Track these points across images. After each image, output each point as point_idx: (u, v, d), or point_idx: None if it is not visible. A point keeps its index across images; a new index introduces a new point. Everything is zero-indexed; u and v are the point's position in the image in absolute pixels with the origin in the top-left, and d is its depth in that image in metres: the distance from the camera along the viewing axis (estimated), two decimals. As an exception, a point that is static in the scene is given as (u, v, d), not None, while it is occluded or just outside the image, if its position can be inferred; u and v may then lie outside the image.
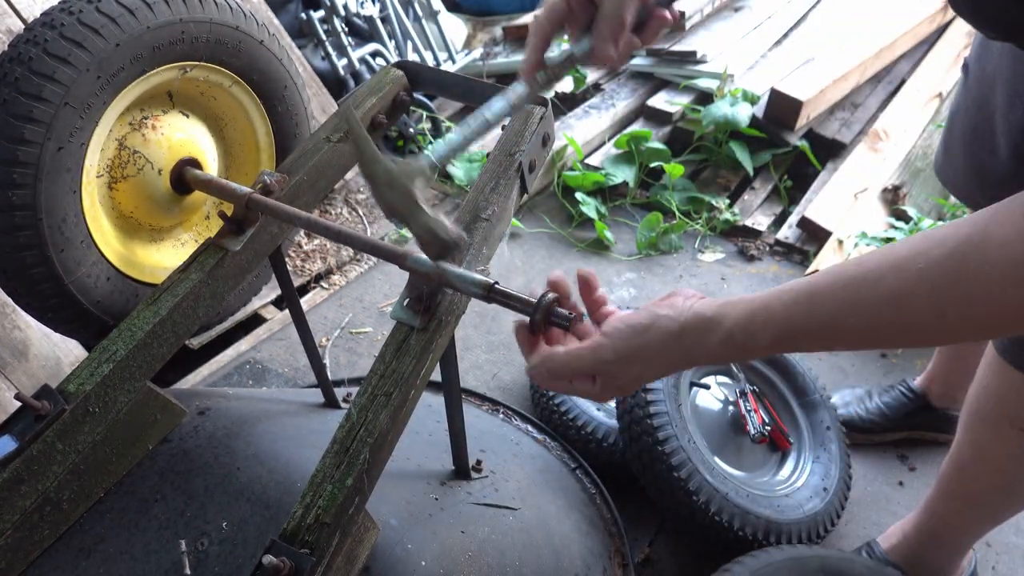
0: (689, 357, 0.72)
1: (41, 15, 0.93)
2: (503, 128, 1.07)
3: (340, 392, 1.39)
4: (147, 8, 0.97)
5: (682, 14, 2.94)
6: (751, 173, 2.63)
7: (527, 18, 3.45)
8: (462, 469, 1.18)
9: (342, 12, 2.84)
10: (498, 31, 3.61)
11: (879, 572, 1.21)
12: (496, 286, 0.83)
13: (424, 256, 0.85)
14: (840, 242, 2.23)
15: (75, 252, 1.00)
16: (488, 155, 1.07)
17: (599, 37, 0.81)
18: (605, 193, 2.59)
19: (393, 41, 3.05)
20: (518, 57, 3.32)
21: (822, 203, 2.40)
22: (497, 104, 0.83)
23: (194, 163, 1.13)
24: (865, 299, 0.62)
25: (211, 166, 1.18)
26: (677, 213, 2.47)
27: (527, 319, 0.81)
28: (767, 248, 2.40)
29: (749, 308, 0.68)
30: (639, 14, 0.83)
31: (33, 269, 0.96)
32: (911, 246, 0.62)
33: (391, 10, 3.03)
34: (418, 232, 0.80)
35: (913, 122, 2.77)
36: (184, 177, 1.10)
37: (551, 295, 0.80)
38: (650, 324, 0.72)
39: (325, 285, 2.24)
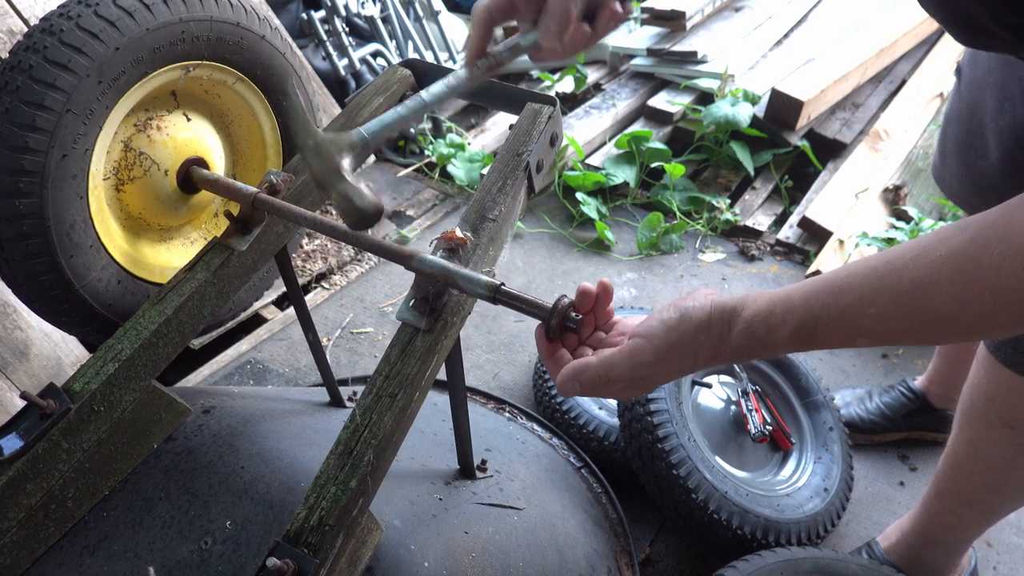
0: (715, 350, 0.71)
1: (40, 20, 0.92)
2: (511, 127, 1.07)
3: (345, 391, 1.39)
4: (146, 10, 0.96)
5: (682, 14, 2.94)
6: (752, 173, 2.63)
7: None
8: (467, 468, 1.18)
9: (343, 12, 2.84)
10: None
11: (873, 571, 1.21)
12: (503, 287, 0.82)
13: (431, 257, 0.85)
14: (841, 242, 2.23)
15: (84, 257, 0.99)
16: (494, 154, 1.07)
17: (546, 31, 0.81)
18: (606, 193, 2.60)
19: (394, 41, 3.05)
20: (518, 57, 3.32)
21: (823, 203, 2.40)
22: (436, 87, 0.86)
23: (200, 162, 1.13)
24: (887, 288, 0.61)
25: (218, 164, 1.17)
26: (678, 213, 2.47)
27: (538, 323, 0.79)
28: (768, 248, 2.41)
29: (769, 300, 0.68)
30: (587, 7, 0.82)
31: (43, 276, 0.96)
32: (935, 235, 0.60)
33: (392, 10, 3.03)
34: (337, 200, 0.79)
35: (914, 122, 2.78)
36: (191, 177, 1.10)
37: (566, 299, 0.79)
38: (681, 317, 0.71)
39: (326, 285, 2.24)
